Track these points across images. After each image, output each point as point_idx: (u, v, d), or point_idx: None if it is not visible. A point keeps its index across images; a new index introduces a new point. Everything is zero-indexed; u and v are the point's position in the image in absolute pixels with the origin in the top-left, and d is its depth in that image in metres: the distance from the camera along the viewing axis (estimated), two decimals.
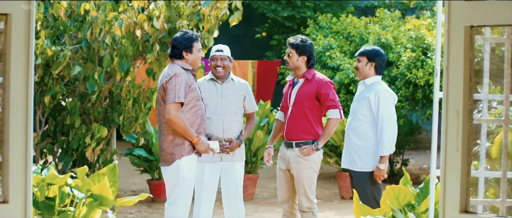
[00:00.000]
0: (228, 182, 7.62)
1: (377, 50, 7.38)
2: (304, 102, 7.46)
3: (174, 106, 6.75)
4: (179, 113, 6.78)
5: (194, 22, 8.96)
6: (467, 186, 2.88)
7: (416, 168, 15.66)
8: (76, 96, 9.47)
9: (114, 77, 9.38)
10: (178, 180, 6.91)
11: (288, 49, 7.55)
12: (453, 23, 2.89)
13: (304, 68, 7.55)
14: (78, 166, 9.73)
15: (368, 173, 7.23)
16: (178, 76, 6.79)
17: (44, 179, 5.19)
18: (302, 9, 17.65)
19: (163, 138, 6.94)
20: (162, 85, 6.85)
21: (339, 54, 12.97)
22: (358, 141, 7.28)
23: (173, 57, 7.02)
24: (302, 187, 7.46)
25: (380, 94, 7.17)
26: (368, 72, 7.34)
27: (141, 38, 9.05)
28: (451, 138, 2.86)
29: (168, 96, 6.76)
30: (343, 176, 11.71)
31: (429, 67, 12.00)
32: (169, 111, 6.75)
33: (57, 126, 9.73)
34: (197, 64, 7.04)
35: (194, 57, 6.99)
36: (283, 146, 7.65)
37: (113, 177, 4.98)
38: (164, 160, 6.98)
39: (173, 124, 6.80)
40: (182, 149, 6.91)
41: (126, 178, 13.24)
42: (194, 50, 6.98)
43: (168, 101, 6.76)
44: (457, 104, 2.86)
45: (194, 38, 6.99)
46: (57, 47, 8.79)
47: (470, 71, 2.88)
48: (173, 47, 7.00)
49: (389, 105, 7.17)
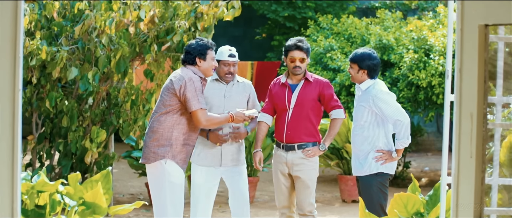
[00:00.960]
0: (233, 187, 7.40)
1: (368, 55, 7.16)
2: (307, 104, 7.30)
3: (201, 113, 6.66)
4: (208, 115, 6.75)
5: (191, 20, 8.79)
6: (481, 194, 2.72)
7: (417, 171, 15.52)
8: (73, 98, 9.31)
9: (112, 79, 9.21)
10: (163, 184, 6.70)
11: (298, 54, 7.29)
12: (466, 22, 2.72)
13: (305, 70, 7.44)
14: (76, 170, 9.57)
15: (374, 176, 7.04)
16: (194, 82, 6.68)
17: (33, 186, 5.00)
18: (303, 10, 17.51)
19: (151, 135, 6.76)
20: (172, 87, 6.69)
21: (340, 55, 12.84)
22: (364, 146, 7.11)
23: (186, 62, 6.87)
24: (307, 189, 7.30)
25: (376, 98, 7.00)
26: (361, 78, 7.17)
27: (138, 38, 8.88)
28: (465, 144, 2.70)
29: (191, 102, 6.64)
30: (344, 179, 11.55)
31: (432, 68, 11.85)
32: (199, 119, 6.68)
33: (54, 128, 9.56)
34: (209, 73, 6.90)
35: (208, 65, 6.85)
36: (280, 150, 7.42)
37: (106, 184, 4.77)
38: (145, 157, 6.79)
39: (209, 127, 6.90)
40: (165, 151, 6.71)
41: (125, 181, 13.08)
42: (208, 58, 6.85)
43: (192, 108, 6.64)
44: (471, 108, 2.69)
45: (209, 46, 6.88)
46: (53, 48, 8.62)
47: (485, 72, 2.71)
48: (186, 53, 6.86)
49: (390, 103, 7.00)
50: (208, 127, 6.89)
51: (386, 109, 6.95)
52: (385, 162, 7.03)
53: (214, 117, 6.83)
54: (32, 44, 8.50)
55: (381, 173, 7.05)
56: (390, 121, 6.97)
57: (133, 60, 9.24)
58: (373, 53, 7.20)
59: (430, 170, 15.72)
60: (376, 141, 7.06)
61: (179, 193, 6.75)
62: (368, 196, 7.01)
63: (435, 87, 11.96)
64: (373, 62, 7.13)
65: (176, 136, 6.73)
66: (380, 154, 7.03)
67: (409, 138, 6.99)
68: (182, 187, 6.79)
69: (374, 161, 7.02)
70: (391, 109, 6.95)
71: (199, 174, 7.33)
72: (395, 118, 6.92)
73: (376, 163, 7.02)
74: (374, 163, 7.03)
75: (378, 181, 7.06)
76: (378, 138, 7.06)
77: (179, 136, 6.73)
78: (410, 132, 7.00)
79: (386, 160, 7.03)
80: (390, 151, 7.04)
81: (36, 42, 8.51)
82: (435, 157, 18.19)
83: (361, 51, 7.21)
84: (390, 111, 6.95)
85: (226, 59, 7.33)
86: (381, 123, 7.07)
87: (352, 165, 7.25)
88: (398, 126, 6.94)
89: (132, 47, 8.94)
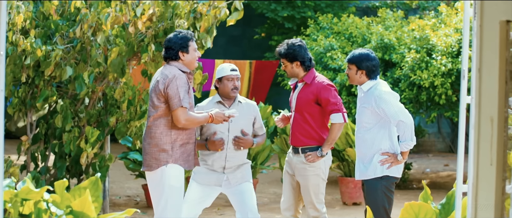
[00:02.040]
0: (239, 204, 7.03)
1: (366, 55, 6.93)
2: (304, 107, 7.14)
3: (181, 111, 6.40)
4: (188, 115, 6.44)
5: (191, 21, 8.59)
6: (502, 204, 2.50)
7: (418, 172, 15.34)
8: (68, 98, 9.12)
9: (108, 79, 9.02)
10: (163, 188, 6.50)
11: (281, 60, 7.25)
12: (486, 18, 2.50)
13: (302, 72, 7.20)
14: (72, 172, 9.46)
15: (379, 179, 6.82)
16: (178, 79, 6.42)
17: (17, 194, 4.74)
18: (302, 9, 17.35)
19: (150, 141, 6.54)
20: (158, 87, 6.46)
21: (341, 55, 12.66)
22: (367, 149, 6.88)
23: (168, 58, 6.61)
24: (309, 195, 7.11)
25: (379, 98, 6.77)
26: (359, 79, 6.95)
27: (135, 37, 8.69)
28: (484, 150, 2.48)
29: (173, 101, 6.40)
30: (345, 182, 11.36)
31: (434, 68, 11.65)
32: (179, 118, 6.40)
33: (48, 129, 9.38)
34: (193, 65, 6.65)
35: (191, 58, 6.60)
36: (290, 151, 7.32)
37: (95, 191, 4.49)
38: (147, 165, 6.58)
39: (188, 126, 6.51)
40: (168, 156, 6.50)
41: (121, 182, 12.90)
42: (191, 50, 6.59)
43: (173, 107, 6.40)
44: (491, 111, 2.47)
45: (189, 37, 6.61)
46: (48, 47, 8.45)
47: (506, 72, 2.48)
48: (167, 49, 6.59)
49: (393, 103, 6.76)
50: (187, 127, 6.50)
51: (389, 109, 6.72)
52: (391, 165, 6.81)
53: (194, 117, 6.51)
54: (27, 43, 8.31)
55: (386, 177, 6.83)
56: (393, 122, 6.75)
57: (129, 59, 9.05)
58: (371, 53, 6.98)
59: (432, 172, 15.54)
60: (380, 143, 6.83)
61: (179, 196, 6.55)
62: (373, 200, 6.79)
63: (437, 88, 11.76)
64: (372, 62, 6.91)
65: (175, 138, 6.52)
66: (385, 157, 6.81)
67: (414, 139, 6.77)
68: (182, 189, 6.59)
69: (379, 164, 6.80)
70: (394, 109, 6.72)
71: (195, 191, 7.00)
72: (397, 119, 6.70)
73: (381, 166, 6.80)
74: (379, 166, 6.81)
75: (383, 185, 6.83)
76: (382, 141, 6.83)
77: (177, 138, 6.53)
78: (413, 134, 6.78)
79: (392, 163, 6.81)
80: (396, 154, 6.82)
81: (30, 40, 8.32)
82: (436, 158, 18.01)
83: (359, 52, 6.99)
84: (393, 112, 6.71)
85: (229, 74, 7.05)
86: (385, 124, 6.84)
87: (356, 169, 7.00)
88: (401, 127, 6.71)
89: (129, 46, 8.74)
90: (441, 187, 13.54)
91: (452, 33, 12.09)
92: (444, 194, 12.46)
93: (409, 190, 12.99)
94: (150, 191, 6.68)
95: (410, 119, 6.73)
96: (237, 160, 7.04)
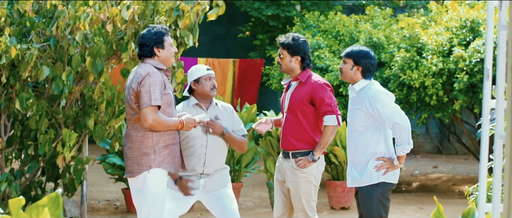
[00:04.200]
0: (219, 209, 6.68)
1: (366, 52, 6.51)
2: (298, 107, 6.70)
3: (150, 110, 5.99)
4: (157, 115, 6.02)
5: (173, 18, 8.23)
6: None
7: (407, 174, 15.03)
8: (45, 99, 8.74)
9: (86, 78, 8.65)
10: (146, 195, 6.14)
11: (279, 50, 6.81)
12: None
13: (298, 69, 6.78)
14: (47, 174, 9.15)
15: (375, 186, 6.38)
16: (151, 76, 6.03)
17: None
18: (287, 8, 17.03)
19: (131, 146, 6.17)
20: (132, 87, 6.10)
21: (328, 54, 12.33)
22: (361, 154, 6.43)
23: (143, 56, 6.24)
24: (299, 202, 6.69)
25: (373, 98, 6.32)
26: (353, 76, 6.49)
27: (115, 35, 8.32)
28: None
29: (143, 99, 6.00)
30: (333, 185, 10.97)
31: (425, 68, 11.30)
32: (146, 117, 5.99)
33: (24, 131, 9.04)
34: (170, 61, 6.27)
35: (167, 53, 6.22)
36: (280, 156, 6.90)
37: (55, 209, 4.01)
38: (129, 171, 6.21)
39: (155, 128, 6.06)
40: (150, 160, 6.12)
41: (101, 186, 12.52)
42: (166, 45, 6.22)
43: (142, 105, 6.00)
44: None
45: (163, 32, 6.23)
46: (23, 45, 8.06)
47: None
48: (141, 46, 6.21)
49: (388, 104, 6.31)
50: (154, 129, 6.09)
51: (384, 110, 6.28)
52: (387, 171, 6.38)
53: (163, 119, 6.08)
54: (1, 41, 7.93)
55: (382, 183, 6.39)
56: (388, 125, 6.31)
57: (109, 58, 8.67)
58: (371, 52, 6.55)
59: (421, 174, 15.23)
60: (375, 147, 6.39)
61: (161, 203, 6.19)
62: (368, 208, 6.37)
63: (428, 88, 11.41)
64: (371, 61, 6.47)
65: (157, 140, 6.13)
66: (380, 163, 6.38)
67: (411, 143, 6.32)
68: (164, 196, 6.22)
69: (375, 170, 6.37)
70: (389, 110, 6.28)
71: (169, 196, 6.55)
72: (393, 121, 6.25)
73: (377, 172, 6.37)
74: (374, 172, 6.37)
75: (379, 192, 6.38)
76: (377, 144, 6.39)
77: (159, 140, 6.14)
78: (410, 138, 6.34)
79: (388, 169, 6.37)
80: (392, 159, 6.39)
81: (5, 39, 7.95)
82: (424, 160, 17.74)
83: (359, 48, 6.56)
84: (388, 113, 6.27)
85: (207, 73, 6.72)
86: (379, 127, 6.40)
87: (348, 175, 6.55)
88: (397, 130, 6.27)
89: (108, 45, 8.38)
90: (431, 190, 13.22)
91: (442, 32, 11.76)
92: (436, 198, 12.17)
93: (398, 193, 12.65)
94: (132, 197, 6.33)
95: (406, 121, 6.28)
96: (216, 165, 6.70)
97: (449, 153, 19.38)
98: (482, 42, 11.09)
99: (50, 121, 8.86)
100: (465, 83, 11.09)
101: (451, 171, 15.91)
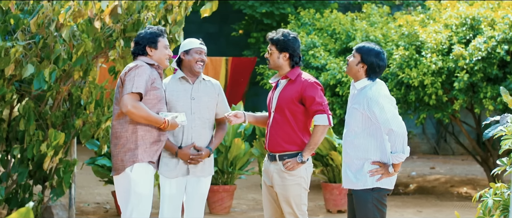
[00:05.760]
0: (193, 198, 6.63)
1: (376, 52, 6.12)
2: (286, 106, 6.36)
3: (130, 96, 5.90)
4: (136, 103, 5.90)
5: (161, 14, 7.96)
6: None
7: (404, 176, 14.77)
8: (31, 99, 8.44)
9: (74, 78, 8.35)
10: (129, 195, 5.98)
11: (268, 46, 6.48)
12: None
13: (287, 67, 6.43)
14: (35, 178, 8.89)
15: (370, 191, 6.04)
16: (139, 68, 5.98)
17: None
18: (281, 5, 16.79)
19: (116, 142, 6.06)
20: (120, 79, 6.03)
21: (324, 52, 12.05)
22: (356, 155, 6.08)
23: (135, 53, 6.21)
24: (289, 206, 6.34)
25: (372, 100, 5.97)
26: (357, 73, 6.14)
27: (103, 32, 8.04)
28: None
29: (125, 87, 5.93)
30: (329, 188, 10.65)
31: (424, 66, 11.01)
32: (126, 102, 5.88)
33: (10, 132, 8.77)
34: (163, 63, 6.19)
35: (160, 54, 6.18)
36: (266, 159, 6.55)
37: None
38: (115, 168, 6.10)
39: (133, 115, 5.91)
40: (134, 155, 5.99)
41: (90, 188, 12.24)
42: (160, 46, 6.18)
43: (124, 92, 5.91)
44: None
45: (158, 33, 6.21)
46: (8, 43, 7.76)
47: None
48: (135, 44, 6.23)
49: (386, 108, 5.95)
50: (132, 117, 5.94)
51: (380, 114, 5.92)
52: (382, 177, 6.03)
53: (143, 108, 5.94)
54: None
55: (377, 189, 6.06)
56: (383, 130, 5.96)
57: (97, 56, 8.38)
58: (383, 54, 6.18)
59: (418, 175, 14.96)
60: (368, 151, 6.04)
61: (145, 204, 6.03)
62: (363, 213, 6.03)
63: (427, 87, 11.12)
64: (379, 62, 6.08)
65: (142, 135, 6.00)
66: (375, 167, 6.03)
67: (407, 151, 5.96)
68: (150, 197, 6.06)
69: (369, 175, 6.03)
70: (386, 116, 5.91)
71: (169, 186, 6.52)
72: (388, 127, 5.89)
73: (371, 177, 6.04)
74: (369, 176, 6.04)
75: (374, 197, 6.02)
76: (370, 149, 6.03)
77: (145, 135, 6.01)
78: (405, 146, 5.98)
79: (382, 175, 6.03)
80: (387, 165, 6.04)
81: None
82: (421, 161, 17.49)
83: (372, 45, 6.16)
84: (384, 118, 5.91)
85: (198, 47, 6.62)
86: (376, 130, 6.04)
87: (343, 175, 6.21)
88: (392, 137, 5.90)
89: (96, 42, 8.11)
90: (429, 192, 12.96)
91: (442, 29, 11.47)
92: (434, 201, 11.92)
93: (396, 195, 12.36)
94: (117, 195, 6.17)
95: (402, 128, 5.92)
96: (203, 142, 6.61)
97: (445, 154, 19.15)
98: (483, 40, 10.79)
99: (37, 122, 8.64)
100: (465, 82, 10.81)
101: (449, 172, 15.64)
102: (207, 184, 6.68)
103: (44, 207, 9.18)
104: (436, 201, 11.90)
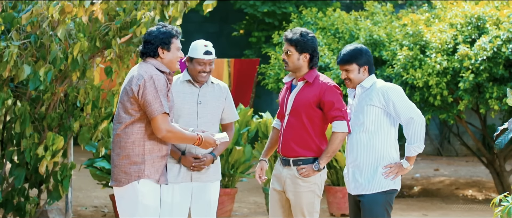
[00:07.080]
0: (200, 206, 6.35)
1: (359, 49, 6.03)
2: (303, 110, 6.09)
3: (162, 119, 5.50)
4: (170, 125, 5.53)
5: (159, 9, 7.77)
6: None
7: (408, 178, 14.59)
8: (27, 100, 8.25)
9: (70, 78, 8.17)
10: (136, 207, 5.59)
11: (285, 46, 6.17)
12: None
13: (306, 68, 6.15)
14: (31, 181, 8.71)
15: (383, 193, 5.86)
16: (156, 80, 5.53)
17: None
18: (283, 4, 16.62)
19: (119, 152, 5.64)
20: (131, 88, 5.57)
21: (328, 52, 11.81)
22: (368, 159, 5.90)
23: (145, 55, 5.72)
24: (301, 214, 6.10)
25: (389, 90, 5.87)
26: (362, 77, 6.03)
27: (99, 31, 7.85)
28: None
29: (151, 106, 5.49)
30: (333, 191, 10.45)
31: (428, 67, 10.79)
32: (159, 127, 5.50)
33: (5, 135, 8.63)
34: (174, 66, 5.75)
35: (172, 56, 5.71)
36: (278, 163, 6.29)
37: None
38: (115, 179, 5.67)
39: (169, 139, 5.60)
40: (140, 170, 5.59)
41: (88, 191, 12.08)
42: (173, 48, 5.71)
43: (153, 114, 5.49)
44: None
45: (173, 34, 5.71)
46: (2, 43, 7.63)
47: None
48: (146, 43, 5.72)
49: (404, 97, 5.89)
50: (168, 140, 5.64)
51: (401, 104, 5.83)
52: (396, 176, 5.88)
53: (178, 131, 5.63)
54: None
55: (390, 190, 5.91)
56: (402, 120, 5.81)
57: (94, 56, 8.19)
58: (362, 46, 6.08)
59: (422, 177, 14.76)
60: (385, 149, 5.91)
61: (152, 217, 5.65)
62: (373, 216, 5.84)
63: (432, 88, 10.90)
64: (368, 54, 6.06)
65: (150, 149, 5.62)
66: (388, 169, 5.86)
67: (421, 145, 5.84)
68: (158, 209, 5.70)
69: (384, 176, 5.85)
70: (406, 104, 5.85)
71: (171, 193, 6.23)
72: (408, 115, 5.79)
73: (386, 179, 5.85)
74: (384, 178, 5.85)
75: (386, 200, 5.90)
76: (388, 146, 5.92)
77: (153, 148, 5.64)
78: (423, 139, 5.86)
79: (397, 173, 5.88)
80: (400, 162, 5.87)
81: None
82: (425, 162, 17.31)
83: (351, 48, 6.06)
84: (405, 107, 5.83)
85: (201, 58, 6.26)
86: (391, 127, 5.94)
87: (352, 180, 6.01)
88: (411, 126, 5.79)
89: (92, 42, 7.91)
90: (433, 194, 12.77)
91: (447, 29, 11.25)
92: (440, 203, 11.71)
93: (400, 198, 12.16)
94: (118, 209, 5.77)
95: (422, 117, 5.85)
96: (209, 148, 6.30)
97: (449, 155, 18.97)
98: (488, 39, 10.58)
99: (33, 124, 8.44)
100: (470, 83, 10.59)
101: (453, 174, 15.45)
102: (215, 191, 6.41)
103: (40, 211, 8.99)
104: (441, 204, 11.70)
